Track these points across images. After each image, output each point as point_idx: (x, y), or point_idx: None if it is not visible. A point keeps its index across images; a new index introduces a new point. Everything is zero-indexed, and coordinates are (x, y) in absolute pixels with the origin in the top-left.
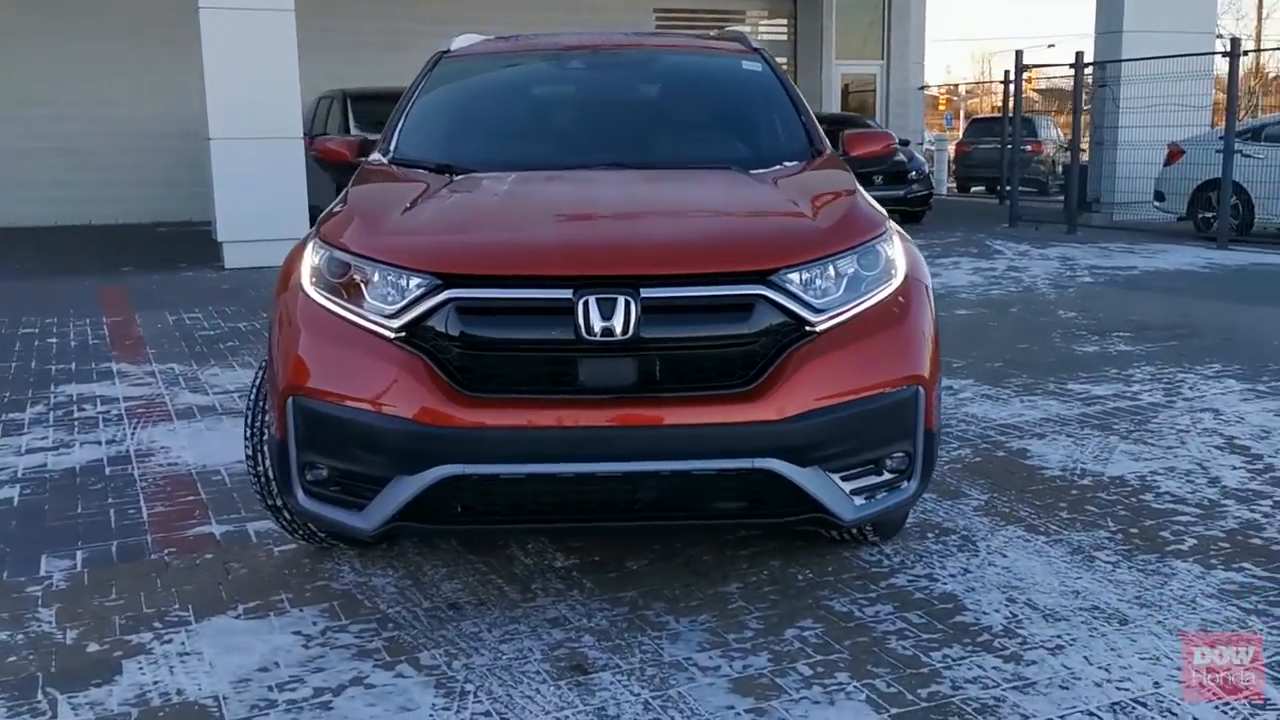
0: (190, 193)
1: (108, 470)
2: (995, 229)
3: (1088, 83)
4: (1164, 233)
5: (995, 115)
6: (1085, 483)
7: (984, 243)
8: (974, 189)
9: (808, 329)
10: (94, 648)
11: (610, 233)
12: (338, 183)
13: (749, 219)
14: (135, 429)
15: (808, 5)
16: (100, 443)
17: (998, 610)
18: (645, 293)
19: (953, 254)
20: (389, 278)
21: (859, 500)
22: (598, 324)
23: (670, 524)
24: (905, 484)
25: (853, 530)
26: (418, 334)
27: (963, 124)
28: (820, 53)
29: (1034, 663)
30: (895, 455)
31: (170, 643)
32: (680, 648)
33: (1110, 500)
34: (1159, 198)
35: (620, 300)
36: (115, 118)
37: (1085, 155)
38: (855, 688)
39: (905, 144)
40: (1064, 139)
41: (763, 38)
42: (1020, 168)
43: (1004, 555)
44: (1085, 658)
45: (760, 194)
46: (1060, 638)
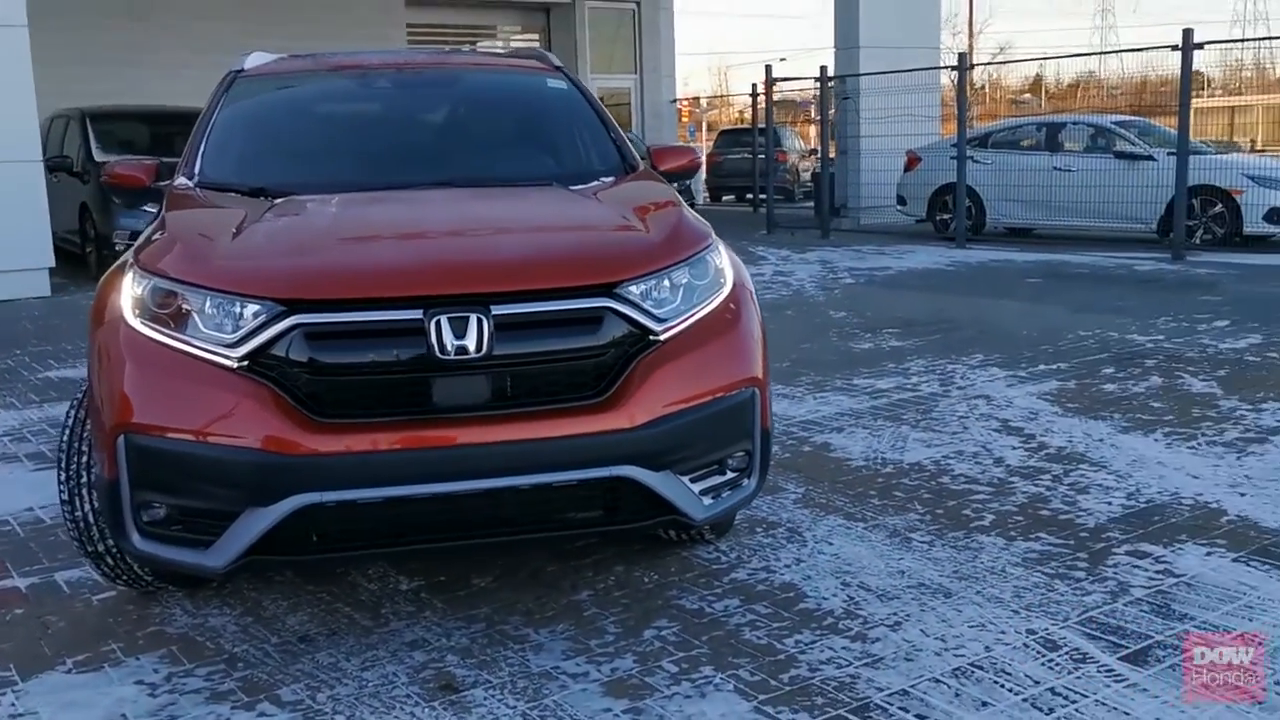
0: None
1: None
2: (754, 236)
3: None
4: (907, 234)
5: (743, 126)
6: (888, 470)
7: (747, 249)
8: (725, 198)
9: (651, 338)
10: None
11: (457, 251)
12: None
13: (588, 234)
14: None
15: (560, 21)
16: None
17: (835, 595)
18: (496, 310)
19: None
20: (225, 305)
21: (707, 500)
22: (451, 343)
23: (531, 537)
24: (746, 481)
25: (691, 531)
26: (262, 362)
27: (704, 135)
28: (575, 67)
29: (878, 640)
30: (737, 455)
31: None
32: (545, 658)
33: (913, 485)
34: (901, 202)
35: (473, 318)
36: None
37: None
38: (721, 679)
39: None
40: (805, 148)
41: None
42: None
43: (830, 543)
44: (921, 631)
45: (592, 209)
46: (896, 615)
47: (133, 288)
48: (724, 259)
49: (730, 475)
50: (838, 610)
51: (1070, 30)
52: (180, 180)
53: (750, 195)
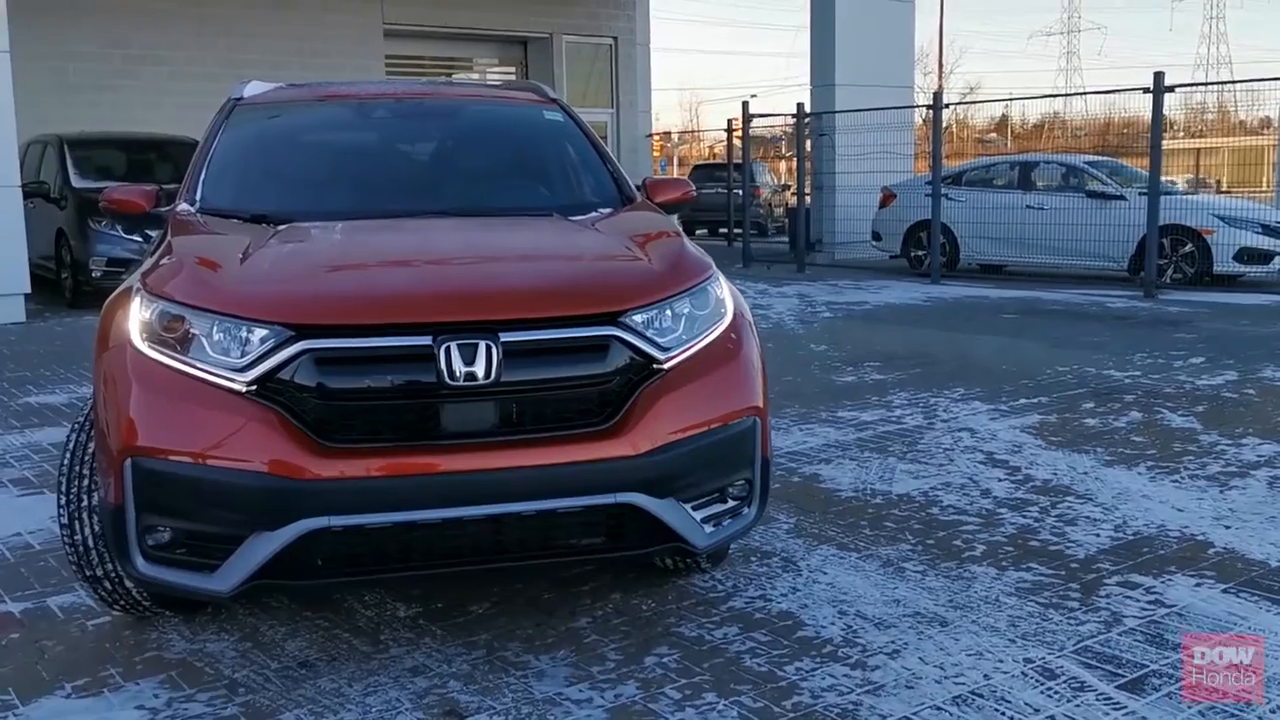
0: None
1: None
2: (731, 270)
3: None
4: (882, 269)
5: (716, 161)
6: (878, 501)
7: None
8: (698, 232)
9: (655, 367)
10: None
11: (465, 278)
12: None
13: (593, 263)
14: None
15: (538, 54)
16: None
17: (833, 623)
18: (504, 336)
19: None
20: (234, 330)
21: (709, 528)
22: (460, 369)
23: (535, 563)
24: (746, 510)
25: (688, 559)
26: (270, 386)
27: (675, 170)
28: None
29: (878, 667)
30: (738, 483)
31: None
32: (548, 684)
33: (903, 516)
34: (876, 237)
35: (481, 345)
36: None
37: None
38: (725, 705)
39: None
40: (777, 183)
41: (488, 83)
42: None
43: (825, 572)
44: (920, 659)
45: (595, 240)
46: (894, 643)
47: (140, 311)
48: (724, 290)
49: (731, 504)
50: (836, 638)
51: (1036, 72)
52: (182, 206)
53: (724, 230)
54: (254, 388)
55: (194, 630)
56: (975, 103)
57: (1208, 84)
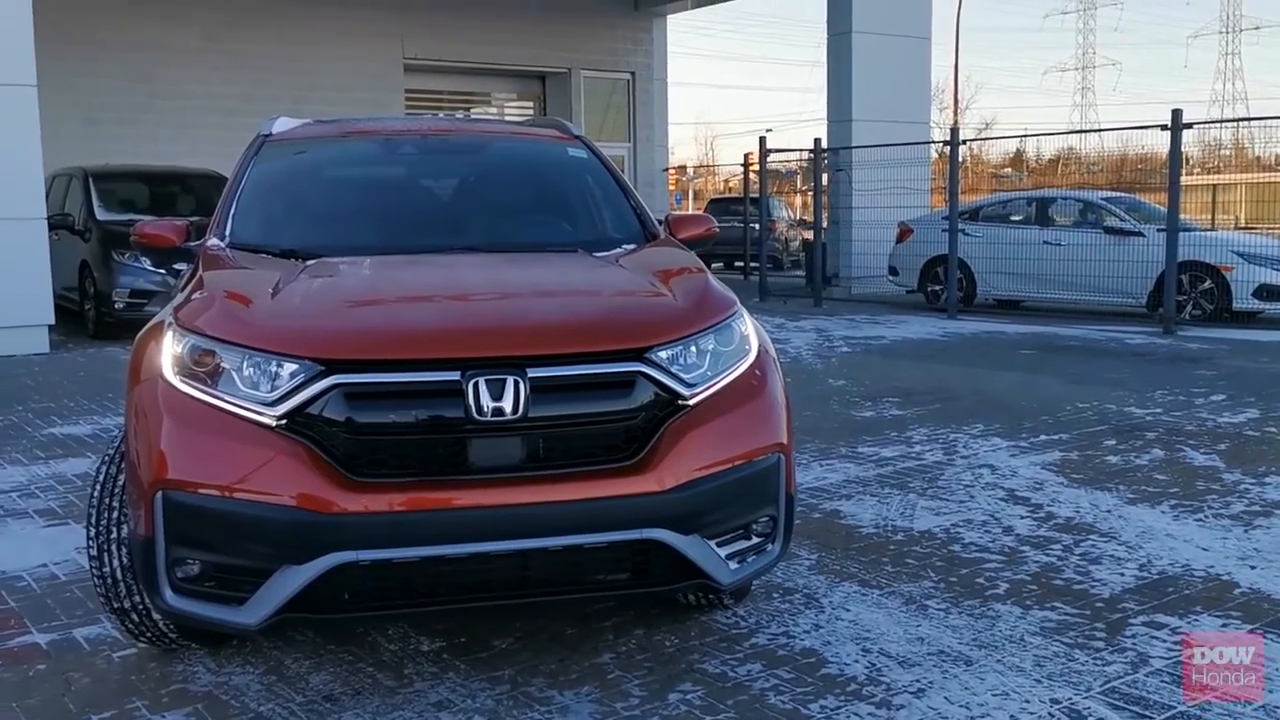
0: None
1: None
2: (748, 304)
3: (808, 165)
4: (898, 304)
5: (732, 195)
6: (899, 538)
7: None
8: (714, 265)
9: (680, 403)
10: None
11: (494, 314)
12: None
13: (619, 299)
14: None
15: (555, 89)
16: None
17: (856, 660)
18: (532, 372)
19: None
20: (264, 364)
21: (734, 564)
22: (488, 404)
23: (560, 598)
24: (770, 546)
25: (711, 595)
26: (300, 420)
27: (690, 204)
28: None
29: (903, 706)
30: (762, 519)
31: None
32: None
33: (925, 553)
34: (893, 272)
35: (509, 380)
36: None
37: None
38: None
39: None
40: (793, 218)
41: (510, 119)
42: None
43: (847, 609)
44: (946, 698)
45: (621, 276)
46: (918, 682)
47: (172, 345)
48: (749, 326)
49: (755, 540)
50: (860, 676)
51: (1051, 108)
52: (212, 241)
53: (740, 263)
54: (283, 422)
55: (219, 663)
56: (992, 139)
57: (1225, 121)
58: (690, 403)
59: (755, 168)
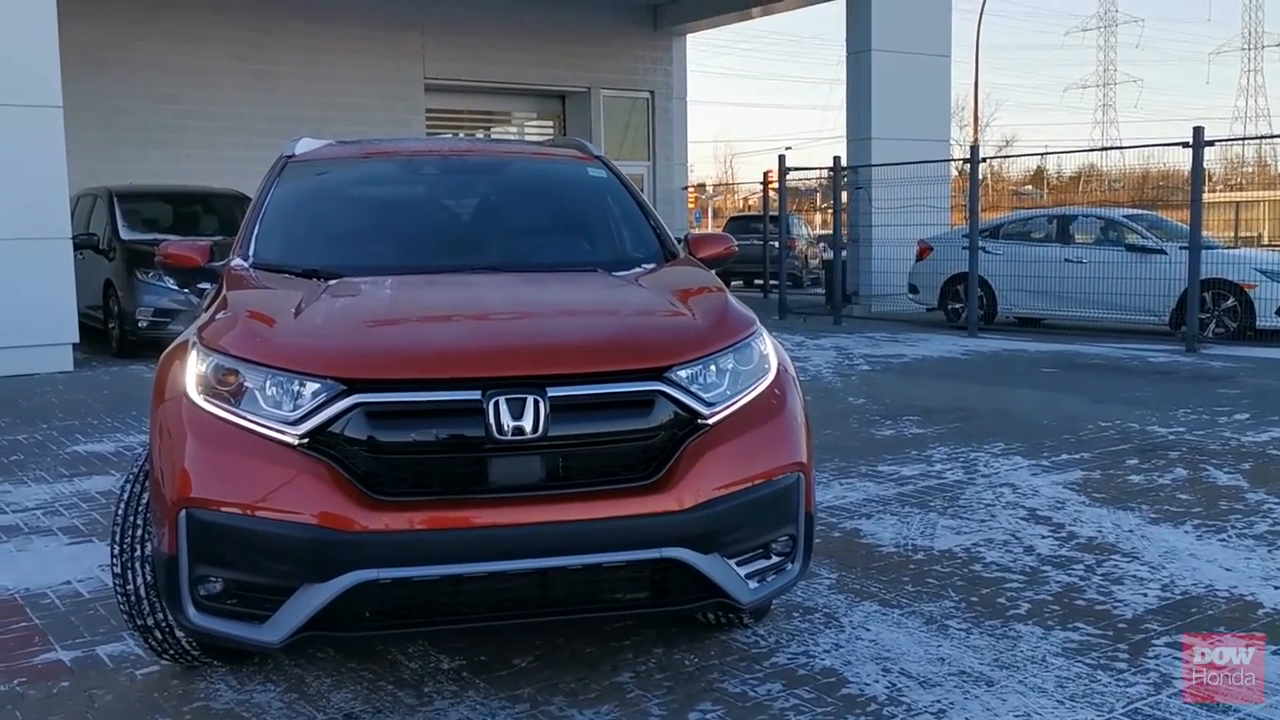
0: None
1: None
2: (768, 321)
3: (829, 183)
4: (918, 322)
5: (751, 213)
6: (919, 557)
7: None
8: (734, 283)
9: (700, 422)
10: None
11: (514, 334)
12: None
13: (638, 319)
14: None
15: (575, 108)
16: None
17: (877, 680)
18: (552, 391)
19: None
20: (286, 384)
21: (753, 584)
22: (508, 423)
23: (579, 617)
24: (790, 566)
25: (730, 615)
26: (322, 439)
27: (710, 221)
28: None
29: None
30: (782, 539)
31: None
32: None
33: (946, 572)
34: (913, 290)
35: (530, 399)
36: None
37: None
38: None
39: None
40: (812, 235)
41: (529, 139)
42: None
43: (867, 629)
44: (967, 719)
45: (640, 295)
46: (940, 702)
47: (196, 365)
48: (768, 345)
49: (775, 559)
50: (881, 696)
51: (1071, 125)
52: (236, 261)
53: (759, 281)
54: (305, 441)
55: (241, 680)
56: (1013, 156)
57: (1247, 138)
58: (710, 422)
59: (774, 186)
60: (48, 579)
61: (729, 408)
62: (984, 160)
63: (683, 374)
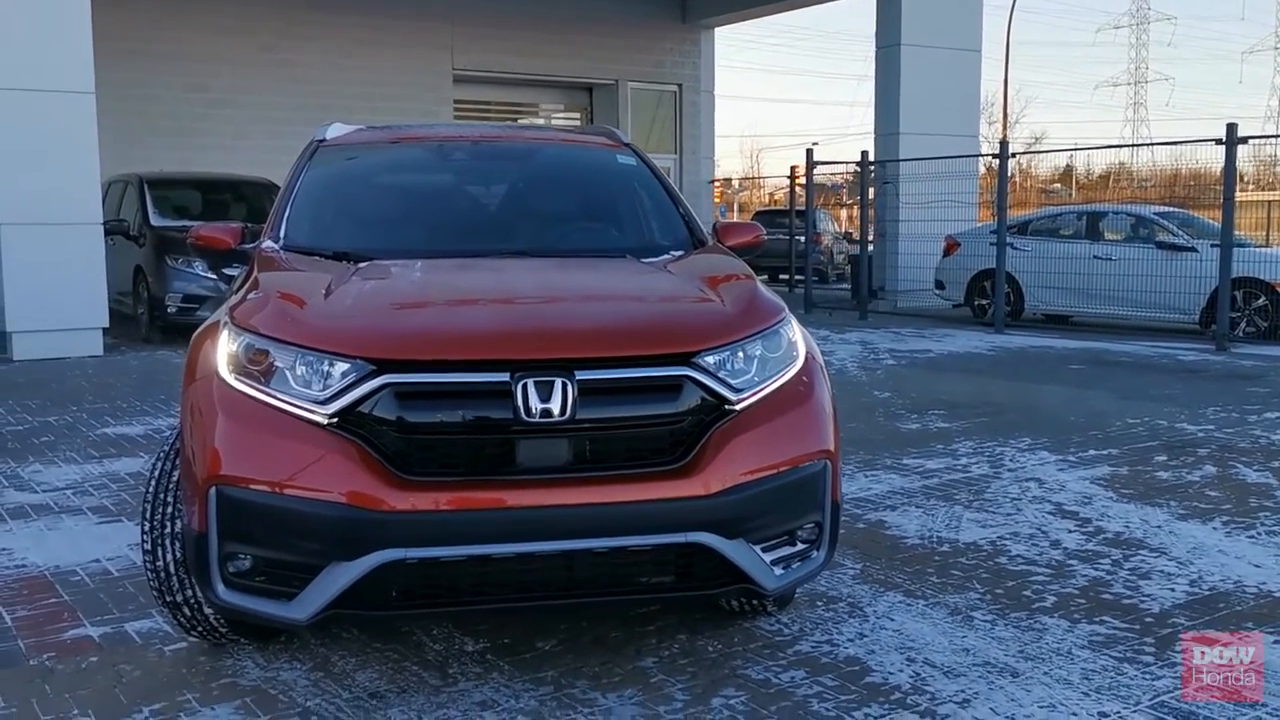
0: None
1: None
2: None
3: (856, 178)
4: (944, 318)
5: (778, 208)
6: (944, 549)
7: None
8: (759, 278)
9: (727, 408)
10: None
11: (543, 317)
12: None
13: (667, 304)
14: None
15: (603, 100)
16: None
17: (901, 670)
18: (580, 375)
19: None
20: (317, 364)
21: (778, 570)
22: (536, 406)
23: (604, 600)
24: (815, 553)
25: (754, 602)
26: (351, 419)
27: (736, 216)
28: None
29: (948, 716)
30: (807, 526)
31: None
32: None
33: (971, 564)
34: (939, 286)
35: (558, 383)
36: None
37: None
38: None
39: None
40: (838, 231)
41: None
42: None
43: (891, 619)
44: (991, 709)
45: (669, 281)
46: (964, 692)
47: (227, 344)
48: (796, 333)
49: (800, 547)
50: (905, 685)
51: (1102, 123)
52: (267, 243)
53: (784, 276)
54: (335, 420)
55: (267, 658)
56: (1042, 152)
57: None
58: (737, 408)
59: (801, 181)
60: (77, 557)
61: (756, 394)
62: (1013, 155)
63: (710, 360)
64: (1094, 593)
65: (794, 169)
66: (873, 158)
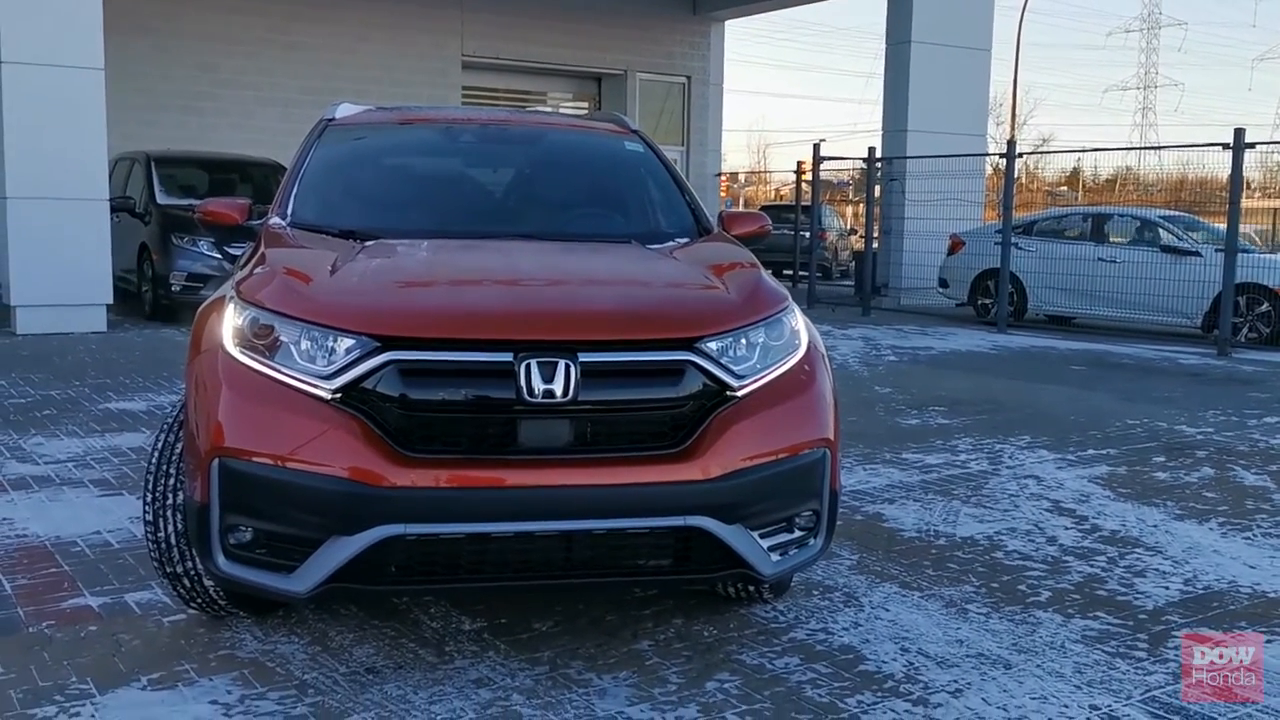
0: None
1: None
2: None
3: (862, 175)
4: (948, 316)
5: (783, 203)
6: (941, 543)
7: None
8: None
9: (728, 394)
10: None
11: (548, 299)
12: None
13: (671, 290)
14: None
15: (611, 90)
16: None
17: (895, 659)
18: (583, 357)
19: None
20: (322, 339)
21: (775, 556)
22: (539, 386)
23: (601, 581)
24: (812, 541)
25: (751, 588)
26: (354, 395)
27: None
28: None
29: (940, 705)
30: (805, 513)
31: (78, 716)
32: (610, 703)
33: (967, 558)
34: (943, 284)
35: (561, 364)
36: None
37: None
38: None
39: None
40: (843, 227)
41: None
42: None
43: (887, 609)
44: (983, 699)
45: (674, 267)
46: (956, 682)
47: (233, 318)
48: (799, 322)
49: (798, 534)
50: (898, 674)
51: (1110, 126)
52: (274, 220)
53: (788, 271)
54: (338, 395)
55: (265, 631)
56: (1050, 152)
57: None
58: (738, 394)
59: (807, 176)
60: (79, 528)
61: (758, 381)
62: (1020, 155)
63: (713, 345)
64: (1088, 589)
65: (800, 164)
66: (880, 154)
